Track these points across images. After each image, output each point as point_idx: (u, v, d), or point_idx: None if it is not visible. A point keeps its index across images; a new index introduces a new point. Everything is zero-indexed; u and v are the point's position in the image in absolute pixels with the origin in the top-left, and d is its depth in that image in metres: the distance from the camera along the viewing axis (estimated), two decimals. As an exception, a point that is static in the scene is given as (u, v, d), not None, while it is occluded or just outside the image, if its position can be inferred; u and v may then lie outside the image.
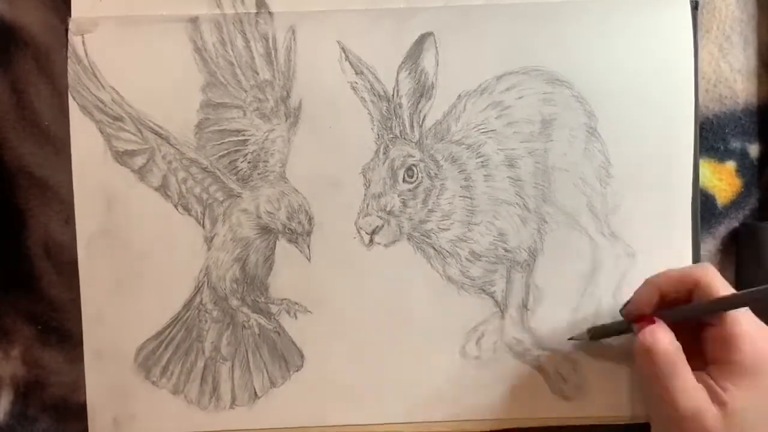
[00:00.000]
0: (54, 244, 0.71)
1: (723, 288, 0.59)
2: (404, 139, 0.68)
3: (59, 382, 0.72)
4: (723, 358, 0.58)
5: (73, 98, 0.67)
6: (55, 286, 0.72)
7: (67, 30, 0.67)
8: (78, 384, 0.70)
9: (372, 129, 0.68)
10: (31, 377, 0.72)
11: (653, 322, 0.61)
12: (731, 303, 0.58)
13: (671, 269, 0.63)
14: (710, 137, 0.72)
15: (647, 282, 0.63)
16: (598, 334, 0.67)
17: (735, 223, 0.73)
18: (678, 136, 0.68)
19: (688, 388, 0.57)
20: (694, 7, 0.68)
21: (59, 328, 0.72)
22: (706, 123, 0.72)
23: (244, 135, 0.68)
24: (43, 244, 0.71)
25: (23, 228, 0.71)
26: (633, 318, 0.63)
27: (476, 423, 0.69)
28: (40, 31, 0.71)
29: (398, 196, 0.68)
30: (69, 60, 0.67)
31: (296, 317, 0.68)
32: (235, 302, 0.68)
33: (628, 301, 0.65)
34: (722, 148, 0.72)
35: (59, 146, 0.70)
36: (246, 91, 0.67)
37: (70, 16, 0.68)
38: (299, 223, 0.67)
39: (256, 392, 0.69)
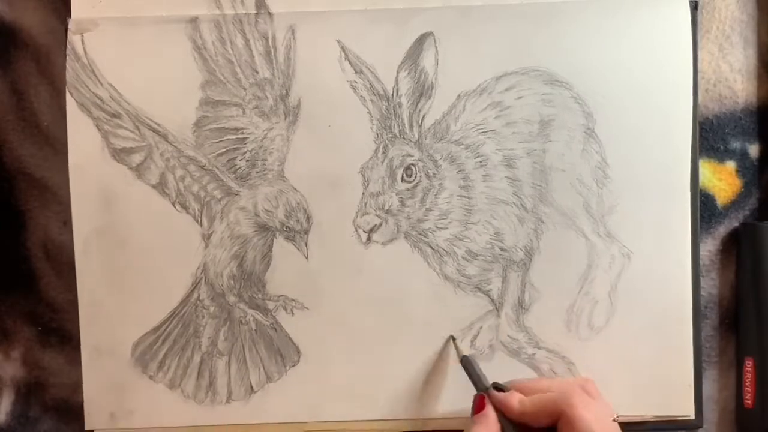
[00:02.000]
0: (53, 245, 0.72)
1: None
2: (403, 138, 0.68)
3: (60, 383, 0.72)
4: None
5: (71, 95, 0.67)
6: (55, 287, 0.72)
7: (66, 31, 0.67)
8: (79, 385, 0.69)
9: (371, 128, 0.68)
10: (31, 378, 0.72)
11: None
12: None
13: (539, 390, 0.63)
14: (710, 137, 0.72)
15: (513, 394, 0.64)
16: (467, 364, 0.67)
17: (735, 223, 0.73)
18: (677, 137, 0.68)
19: None
20: (694, 7, 0.68)
21: (59, 329, 0.72)
22: (705, 123, 0.72)
23: (242, 133, 0.68)
24: (43, 246, 0.72)
25: (22, 229, 0.72)
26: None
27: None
28: (40, 32, 0.71)
29: (396, 195, 0.68)
30: (67, 58, 0.67)
31: (293, 313, 0.68)
32: (232, 298, 0.68)
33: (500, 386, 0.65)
34: (722, 148, 0.72)
35: (58, 147, 0.70)
36: (245, 90, 0.68)
37: (69, 17, 0.68)
38: (297, 221, 0.68)
39: (252, 387, 0.69)
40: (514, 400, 0.62)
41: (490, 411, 0.63)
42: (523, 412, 0.61)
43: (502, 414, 0.62)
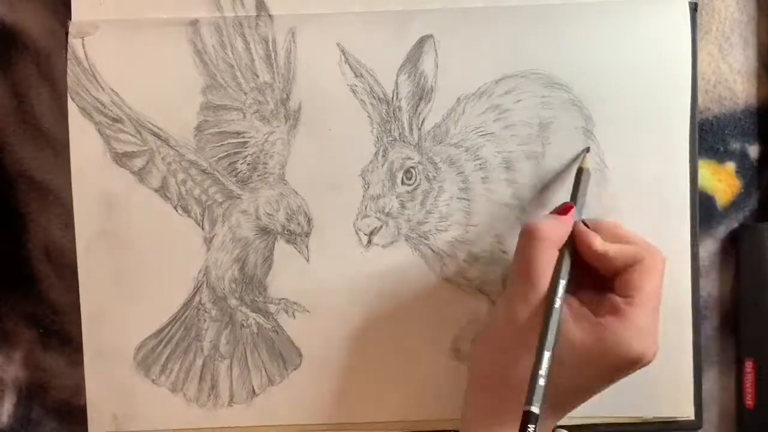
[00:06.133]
0: (54, 247, 0.72)
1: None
2: (403, 141, 0.68)
3: (62, 385, 0.72)
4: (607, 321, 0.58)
5: (73, 100, 0.67)
6: (56, 289, 0.72)
7: (67, 33, 0.67)
8: (81, 387, 0.70)
9: (371, 131, 0.68)
10: (33, 380, 0.72)
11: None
12: None
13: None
14: (710, 138, 0.72)
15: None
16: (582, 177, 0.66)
17: (735, 224, 0.73)
18: (676, 139, 0.68)
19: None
20: (693, 8, 0.68)
21: (60, 331, 0.72)
22: (705, 124, 0.72)
23: (243, 137, 0.68)
24: (44, 248, 0.72)
25: (24, 231, 0.72)
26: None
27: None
28: (41, 34, 0.71)
29: (396, 198, 0.68)
30: (68, 62, 0.67)
31: (294, 317, 0.69)
32: (233, 302, 0.69)
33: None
34: (722, 149, 0.72)
35: (59, 150, 0.70)
36: (246, 94, 0.68)
37: (70, 19, 0.68)
38: (298, 224, 0.68)
39: (254, 390, 0.69)
40: (597, 240, 0.61)
41: (569, 221, 0.62)
42: (602, 254, 0.60)
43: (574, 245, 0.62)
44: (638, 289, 0.58)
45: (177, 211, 0.68)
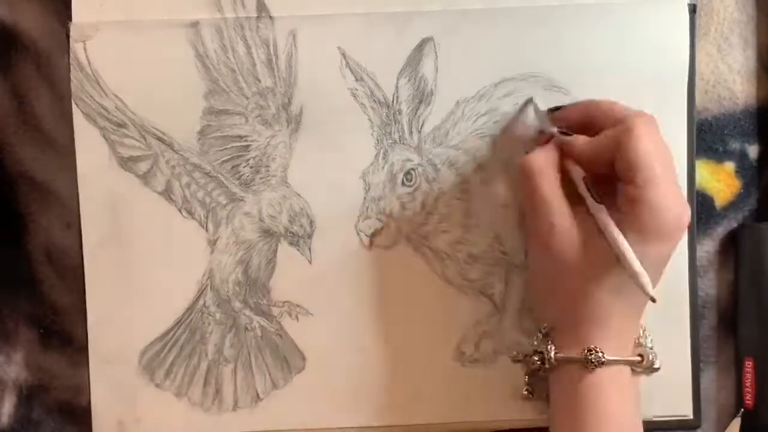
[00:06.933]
0: (55, 248, 0.72)
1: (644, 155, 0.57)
2: (403, 144, 0.68)
3: (62, 385, 0.72)
4: (628, 214, 0.58)
5: (77, 106, 0.67)
6: (57, 290, 0.72)
7: (68, 35, 0.67)
8: (81, 387, 0.70)
9: (372, 134, 0.68)
10: (34, 381, 0.72)
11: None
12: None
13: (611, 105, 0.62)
14: (709, 138, 0.72)
15: (588, 104, 0.64)
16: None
17: (734, 224, 0.73)
18: (674, 139, 0.68)
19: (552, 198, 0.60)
20: (692, 9, 0.68)
21: (61, 331, 0.72)
22: (704, 124, 0.72)
23: (246, 141, 0.68)
24: (45, 249, 0.72)
25: (25, 232, 0.72)
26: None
27: (476, 424, 0.69)
28: (41, 35, 0.71)
29: (397, 200, 0.68)
30: (72, 68, 0.67)
31: (297, 319, 0.69)
32: (237, 305, 0.69)
33: (562, 107, 0.65)
34: (721, 149, 0.72)
35: (60, 151, 0.70)
36: (248, 98, 0.68)
37: (70, 20, 0.68)
38: (300, 226, 0.68)
39: (258, 394, 0.69)
40: (579, 139, 0.61)
41: (551, 147, 0.62)
42: (589, 149, 0.60)
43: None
44: (637, 167, 0.57)
45: (181, 213, 0.69)
